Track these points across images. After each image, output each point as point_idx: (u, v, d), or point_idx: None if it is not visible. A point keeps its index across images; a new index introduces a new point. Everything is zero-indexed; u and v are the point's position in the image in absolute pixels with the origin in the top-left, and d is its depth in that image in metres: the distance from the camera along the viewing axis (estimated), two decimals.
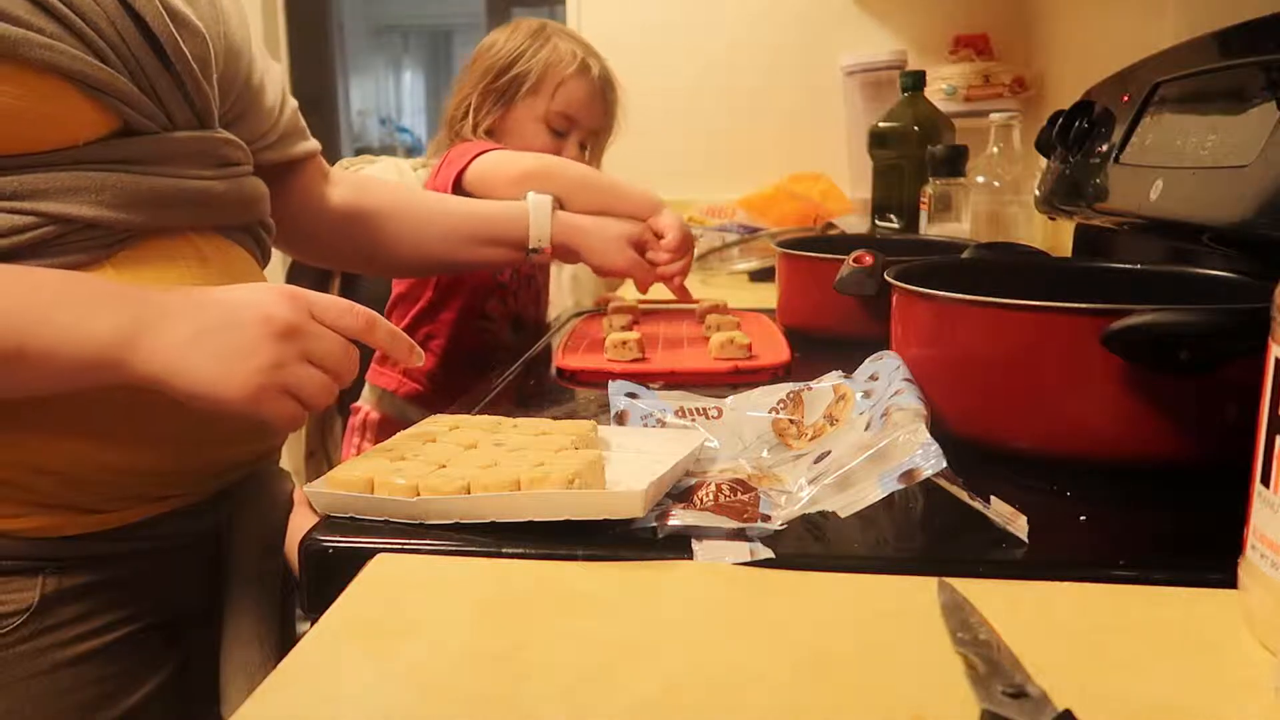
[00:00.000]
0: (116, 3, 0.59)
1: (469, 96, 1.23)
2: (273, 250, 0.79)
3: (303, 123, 0.86)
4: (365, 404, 1.28)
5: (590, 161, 1.27)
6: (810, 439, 0.61)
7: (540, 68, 1.21)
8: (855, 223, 1.66)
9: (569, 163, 1.05)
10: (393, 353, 0.62)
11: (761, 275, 1.58)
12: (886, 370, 0.63)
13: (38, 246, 0.58)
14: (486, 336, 1.25)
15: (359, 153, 1.52)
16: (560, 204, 1.00)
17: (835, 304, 0.87)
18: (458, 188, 1.05)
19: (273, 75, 0.79)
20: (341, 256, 0.95)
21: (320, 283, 1.55)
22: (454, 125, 1.24)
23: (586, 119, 1.24)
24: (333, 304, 0.59)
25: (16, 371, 0.54)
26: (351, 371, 0.60)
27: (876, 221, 1.45)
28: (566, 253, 1.00)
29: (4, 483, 0.60)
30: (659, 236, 1.03)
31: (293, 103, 0.84)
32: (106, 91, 0.59)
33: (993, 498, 0.48)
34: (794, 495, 0.51)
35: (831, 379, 0.65)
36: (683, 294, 1.06)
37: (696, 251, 1.65)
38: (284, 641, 0.72)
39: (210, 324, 0.56)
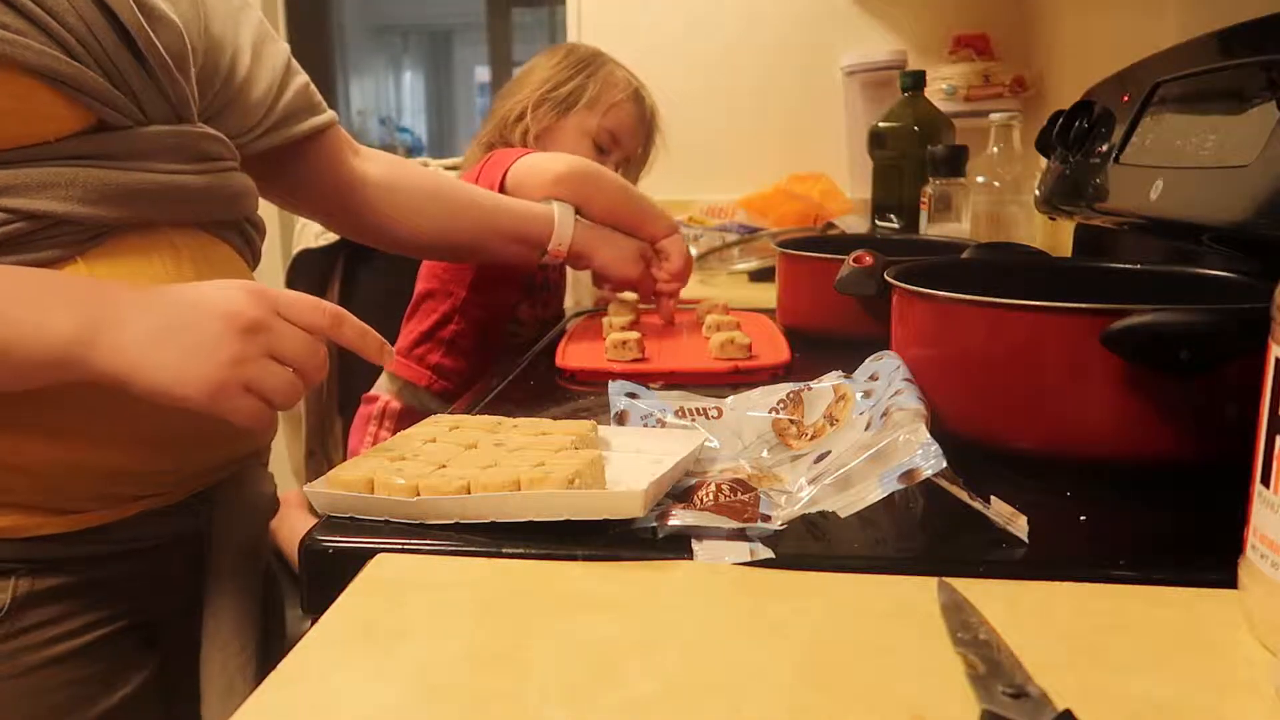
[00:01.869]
0: None
1: (525, 101, 1.28)
2: (272, 248, 0.78)
3: (316, 98, 0.83)
4: (384, 394, 1.27)
5: None
6: (810, 439, 0.60)
7: (598, 86, 1.29)
8: (855, 223, 1.66)
9: (604, 169, 1.09)
10: (362, 351, 0.60)
11: (761, 275, 1.58)
12: (886, 370, 0.63)
13: (9, 242, 0.58)
14: (515, 340, 1.25)
15: None
16: (581, 208, 1.04)
17: (835, 304, 0.87)
18: (502, 188, 1.08)
19: (269, 62, 0.77)
20: (370, 230, 0.95)
21: (322, 278, 1.55)
22: (505, 126, 1.29)
23: (629, 143, 1.32)
24: (298, 300, 0.58)
25: None
26: (320, 370, 0.58)
27: (876, 221, 1.45)
28: (579, 259, 1.04)
29: None
30: (663, 256, 1.08)
31: (299, 80, 0.80)
32: (76, 87, 0.58)
33: (993, 498, 0.48)
34: (794, 495, 0.51)
35: (831, 379, 0.65)
36: (668, 316, 1.08)
37: (697, 251, 1.66)
38: (266, 643, 0.71)
39: (172, 320, 0.55)
